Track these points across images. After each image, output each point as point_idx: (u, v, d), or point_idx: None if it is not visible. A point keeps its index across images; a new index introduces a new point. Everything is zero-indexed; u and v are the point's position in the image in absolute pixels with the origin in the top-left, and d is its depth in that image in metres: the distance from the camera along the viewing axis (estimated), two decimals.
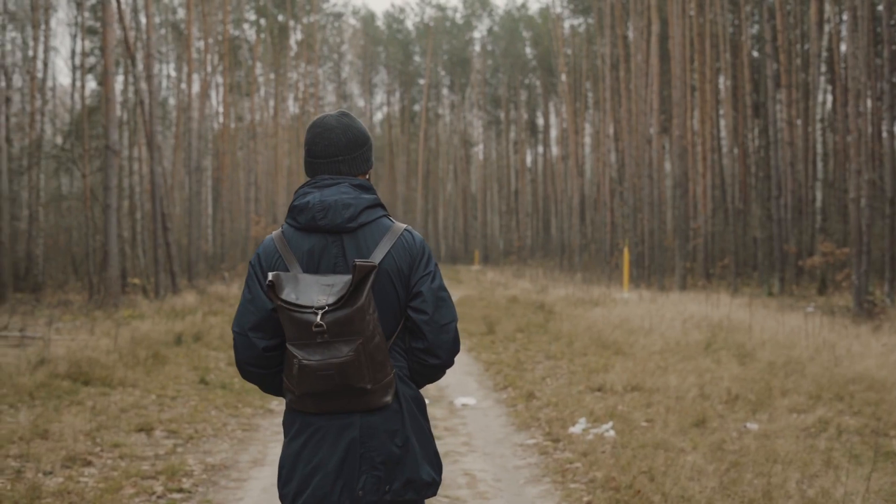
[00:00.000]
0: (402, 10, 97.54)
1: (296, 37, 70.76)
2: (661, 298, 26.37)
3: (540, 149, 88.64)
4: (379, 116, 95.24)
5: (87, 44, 48.18)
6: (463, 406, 11.88)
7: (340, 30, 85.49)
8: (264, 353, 3.53)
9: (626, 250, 32.40)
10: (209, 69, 54.51)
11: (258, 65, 67.17)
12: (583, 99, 67.05)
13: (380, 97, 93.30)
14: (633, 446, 8.77)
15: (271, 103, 70.95)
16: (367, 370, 3.34)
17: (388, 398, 3.45)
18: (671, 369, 13.33)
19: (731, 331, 17.25)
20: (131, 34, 32.70)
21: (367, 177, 3.75)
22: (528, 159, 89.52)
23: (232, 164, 63.87)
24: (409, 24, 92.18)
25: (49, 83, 58.95)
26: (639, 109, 43.72)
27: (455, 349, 3.64)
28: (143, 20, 47.38)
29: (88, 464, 8.59)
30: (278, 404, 12.30)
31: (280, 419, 11.23)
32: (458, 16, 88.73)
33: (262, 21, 66.74)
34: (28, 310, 26.07)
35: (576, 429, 9.77)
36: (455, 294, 34.35)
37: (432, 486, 3.57)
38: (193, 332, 19.65)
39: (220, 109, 53.93)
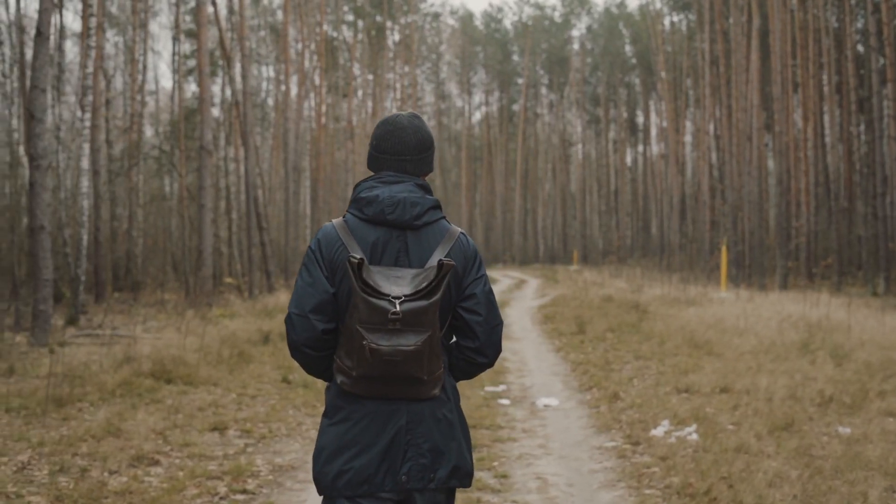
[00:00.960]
0: (500, 10, 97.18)
1: (393, 37, 70.90)
2: (758, 298, 25.69)
3: (640, 147, 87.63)
4: (477, 116, 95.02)
5: (187, 47, 48.83)
6: (545, 407, 11.56)
7: (439, 30, 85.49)
8: (322, 335, 3.60)
9: (724, 249, 31.67)
10: (307, 70, 54.83)
11: (356, 66, 67.42)
12: (683, 97, 66.00)
13: (478, 97, 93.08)
14: (715, 450, 8.37)
15: (369, 104, 71.22)
16: (427, 361, 3.46)
17: (437, 391, 3.57)
18: (763, 370, 12.84)
19: (829, 331, 16.63)
20: (227, 36, 32.90)
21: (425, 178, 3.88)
22: (629, 158, 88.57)
23: (331, 165, 64.26)
24: (508, 23, 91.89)
25: (151, 86, 60.03)
26: (739, 106, 42.81)
27: (499, 350, 3.79)
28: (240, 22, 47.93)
29: (155, 463, 8.47)
30: None
31: None
32: (556, 14, 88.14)
33: (360, 22, 67.00)
34: (125, 309, 26.36)
35: (657, 431, 9.39)
36: (550, 294, 33.95)
37: (471, 477, 3.71)
38: (281, 330, 19.61)
39: (319, 110, 54.05)
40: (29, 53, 31.82)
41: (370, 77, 71.66)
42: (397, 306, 3.41)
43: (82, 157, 24.52)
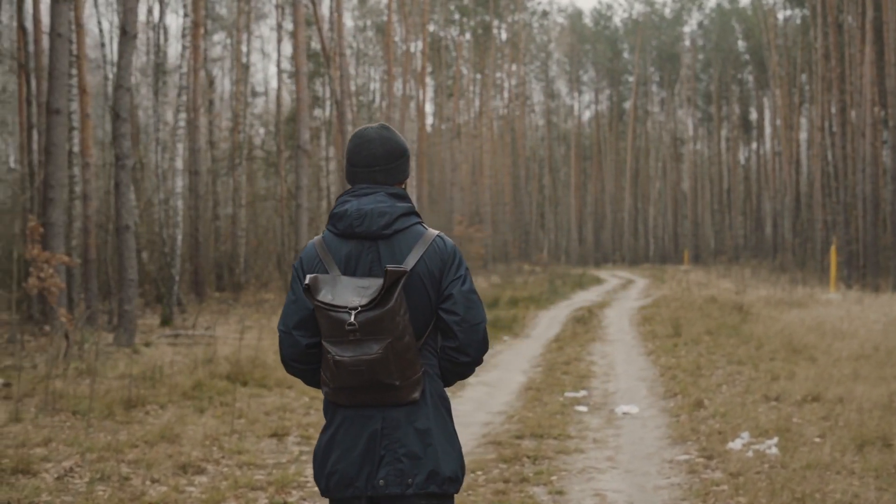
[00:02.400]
0: (609, 7, 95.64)
1: (500, 36, 70.44)
2: (868, 300, 24.62)
3: (753, 145, 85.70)
4: (587, 115, 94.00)
5: (291, 48, 49.05)
6: (623, 415, 11.01)
7: (547, 28, 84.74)
8: (307, 349, 3.75)
9: (833, 249, 30.54)
10: (414, 70, 54.70)
11: (463, 65, 67.14)
12: (797, 92, 64.27)
13: (588, 95, 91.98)
14: (794, 466, 7.77)
15: (476, 103, 70.88)
16: (396, 367, 3.55)
17: (416, 395, 3.64)
18: (861, 377, 12.08)
19: None
20: (327, 36, 32.80)
21: (404, 186, 3.94)
22: (741, 156, 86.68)
23: (439, 165, 64.10)
24: (617, 20, 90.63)
25: (261, 88, 60.51)
26: (853, 101, 41.41)
27: (484, 348, 3.81)
28: (344, 22, 47.94)
29: (201, 472, 8.18)
30: None
31: None
32: (667, 10, 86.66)
33: (466, 21, 66.70)
34: (224, 309, 26.40)
35: (735, 444, 8.80)
36: (654, 294, 33.17)
37: (455, 483, 3.72)
38: None
39: (422, 109, 53.87)
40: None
41: (478, 76, 71.31)
42: (353, 317, 3.52)
43: (176, 157, 24.60)
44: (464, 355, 3.75)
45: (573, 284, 40.79)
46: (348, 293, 3.59)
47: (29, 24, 25.02)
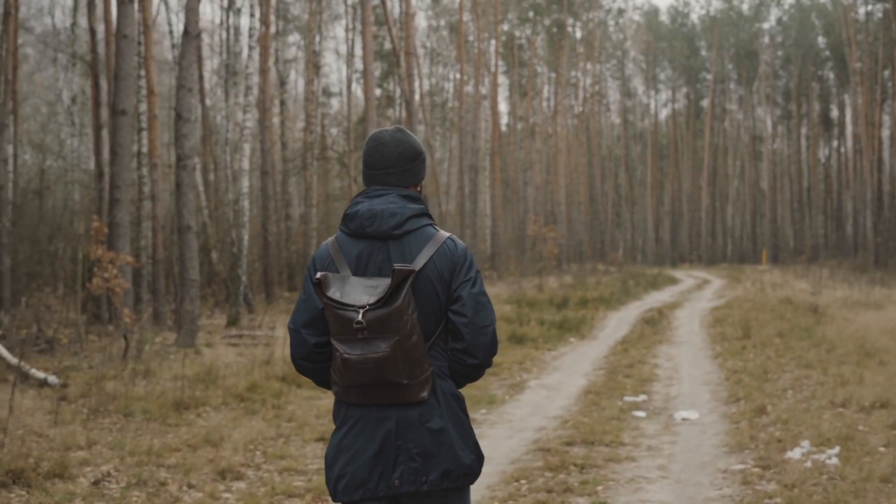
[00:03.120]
0: (686, 4, 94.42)
1: (575, 35, 69.90)
2: None
3: (834, 143, 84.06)
4: (664, 113, 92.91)
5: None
6: (682, 420, 10.66)
7: (623, 26, 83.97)
8: (315, 348, 3.79)
9: None
10: (488, 70, 54.46)
11: (537, 64, 66.74)
12: (879, 89, 62.92)
13: (664, 93, 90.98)
14: (854, 478, 7.40)
15: (551, 103, 70.43)
16: (403, 366, 3.58)
17: (425, 394, 3.66)
18: None
19: None
20: (397, 35, 32.69)
21: (418, 189, 3.97)
22: (822, 154, 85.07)
23: (513, 164, 63.75)
24: (694, 17, 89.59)
25: (336, 88, 60.70)
26: None
27: (492, 350, 3.80)
28: (418, 22, 47.83)
29: (240, 477, 8.02)
30: (483, 414, 11.44)
31: None
32: (745, 7, 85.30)
33: (540, 20, 66.28)
34: (290, 308, 26.33)
35: (794, 453, 8.43)
36: (728, 295, 32.56)
37: (471, 476, 3.75)
38: None
39: (496, 108, 53.57)
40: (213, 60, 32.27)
41: (552, 75, 70.82)
42: (360, 315, 3.55)
43: (243, 157, 24.61)
44: (471, 357, 3.76)
45: (646, 285, 40.25)
46: (357, 292, 3.63)
47: (99, 27, 25.21)
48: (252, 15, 26.02)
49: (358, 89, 50.10)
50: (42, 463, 7.91)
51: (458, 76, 61.78)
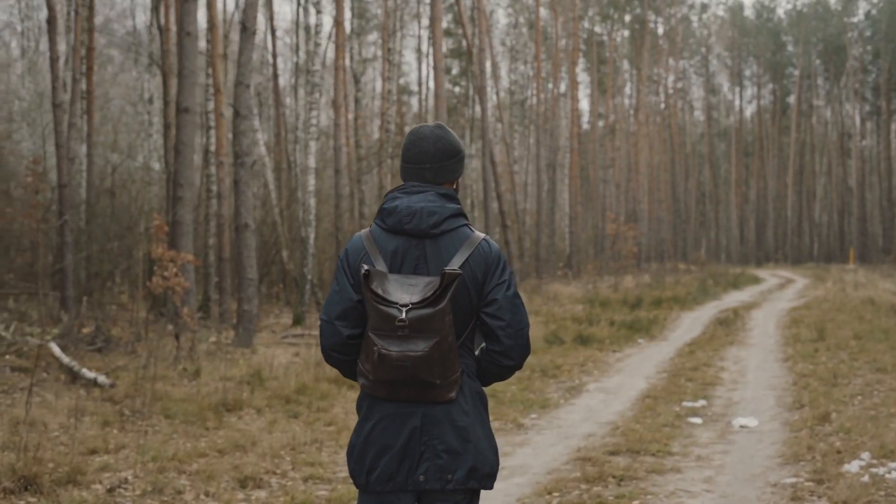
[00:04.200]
0: None
1: (657, 31, 68.91)
2: None
3: None
4: (749, 110, 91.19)
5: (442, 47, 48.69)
6: (740, 428, 10.12)
7: (707, 22, 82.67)
8: (348, 340, 3.79)
9: None
10: (568, 67, 53.83)
11: (618, 61, 65.89)
12: None
13: (750, 90, 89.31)
14: None
15: (632, 100, 69.53)
16: (438, 367, 3.60)
17: (454, 394, 3.69)
18: None
19: None
20: (469, 31, 32.28)
21: (455, 186, 3.98)
22: None
23: (594, 162, 63.00)
24: (781, 11, 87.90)
25: (416, 87, 60.49)
26: None
27: (526, 352, 3.84)
28: (496, 18, 47.44)
29: (262, 486, 7.69)
30: (533, 419, 11.00)
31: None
32: (832, 1, 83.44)
33: (621, 16, 65.45)
34: None
35: (852, 466, 7.88)
36: (808, 295, 31.68)
37: (492, 478, 3.79)
38: None
39: (575, 106, 52.93)
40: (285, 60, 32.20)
41: (634, 72, 69.90)
42: (404, 314, 3.56)
43: (309, 155, 24.44)
44: (508, 359, 3.80)
45: (726, 284, 39.38)
46: (397, 289, 3.64)
47: (167, 25, 25.17)
48: (320, 12, 25.76)
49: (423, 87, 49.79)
50: (60, 468, 7.67)
51: (536, 73, 61.34)
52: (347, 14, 38.71)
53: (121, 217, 26.30)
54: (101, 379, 12.75)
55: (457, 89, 54.25)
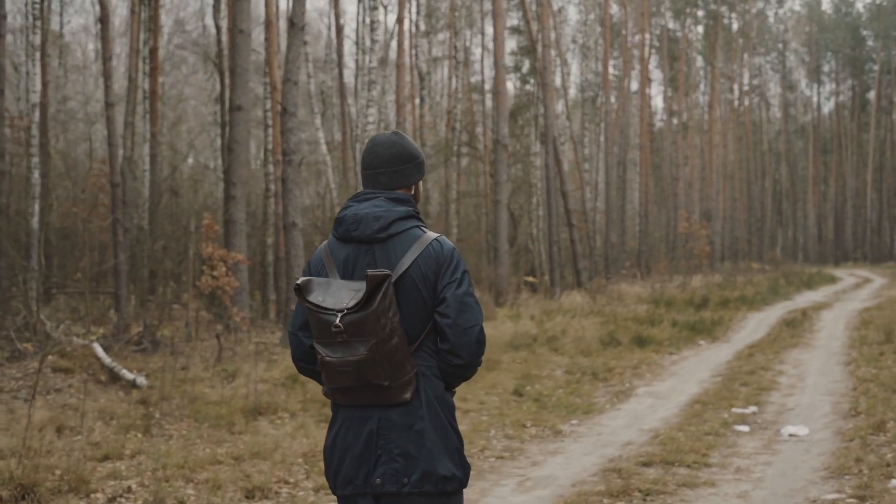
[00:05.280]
0: None
1: (731, 27, 67.73)
2: None
3: None
4: (827, 107, 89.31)
5: (513, 43, 48.35)
6: (789, 437, 9.59)
7: (783, 17, 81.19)
8: (311, 350, 3.85)
9: None
10: (639, 63, 53.10)
11: (692, 57, 64.89)
12: None
13: (828, 86, 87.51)
14: None
15: (707, 97, 68.45)
16: (383, 368, 3.61)
17: (408, 395, 3.69)
18: None
19: None
20: (534, 27, 31.80)
21: (413, 192, 4.02)
22: None
23: (667, 159, 62.09)
24: (860, 5, 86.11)
25: (488, 85, 60.11)
26: None
27: (478, 351, 3.78)
28: (567, 15, 46.90)
29: (269, 496, 7.38)
30: (573, 425, 10.57)
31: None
32: None
33: (695, 12, 64.46)
34: None
35: None
36: (883, 296, 30.72)
37: (452, 481, 3.73)
38: (550, 334, 18.28)
39: (645, 102, 52.18)
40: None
41: (707, 69, 68.79)
42: (338, 319, 3.60)
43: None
44: (457, 358, 3.77)
45: (800, 284, 38.44)
46: (340, 295, 3.67)
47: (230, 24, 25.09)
48: (374, 8, 25.44)
49: (508, 85, 49.37)
50: (65, 476, 7.40)
51: (610, 70, 60.71)
52: (411, 12, 38.44)
53: (180, 217, 26.28)
54: (140, 380, 12.58)
55: (528, 87, 53.75)
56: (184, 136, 42.67)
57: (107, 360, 13.47)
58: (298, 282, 3.72)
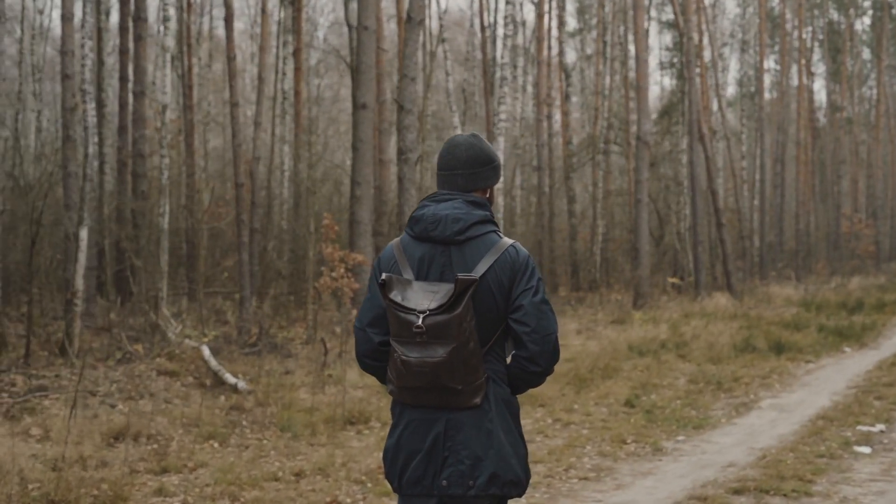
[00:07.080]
0: None
1: None
2: None
3: None
4: None
5: (668, 38, 47.20)
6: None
7: None
8: (379, 346, 3.87)
9: None
10: (801, 57, 51.25)
11: (857, 49, 62.38)
12: None
13: None
14: None
15: (874, 91, 65.76)
16: (459, 372, 3.65)
17: (478, 399, 3.71)
18: None
19: None
20: (681, 20, 30.72)
21: (487, 195, 4.01)
22: None
23: (828, 156, 59.86)
24: None
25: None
26: None
27: (555, 358, 3.83)
28: (725, 8, 45.53)
29: None
30: (678, 441, 9.77)
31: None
32: None
33: (862, 3, 62.01)
34: (561, 311, 25.10)
35: None
36: None
37: (518, 486, 3.78)
38: (681, 339, 17.40)
39: (803, 96, 50.29)
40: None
41: (874, 61, 66.09)
42: (421, 320, 3.61)
43: (497, 151, 23.64)
44: (535, 365, 3.78)
45: None
46: (419, 296, 3.69)
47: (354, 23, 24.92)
48: (509, 2, 24.81)
49: (664, 80, 48.27)
50: (107, 492, 7.02)
51: (772, 66, 58.90)
52: (551, 7, 37.71)
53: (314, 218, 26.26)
54: (241, 385, 12.31)
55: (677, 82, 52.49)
56: (342, 136, 42.94)
57: (213, 363, 13.22)
58: (382, 277, 3.73)
